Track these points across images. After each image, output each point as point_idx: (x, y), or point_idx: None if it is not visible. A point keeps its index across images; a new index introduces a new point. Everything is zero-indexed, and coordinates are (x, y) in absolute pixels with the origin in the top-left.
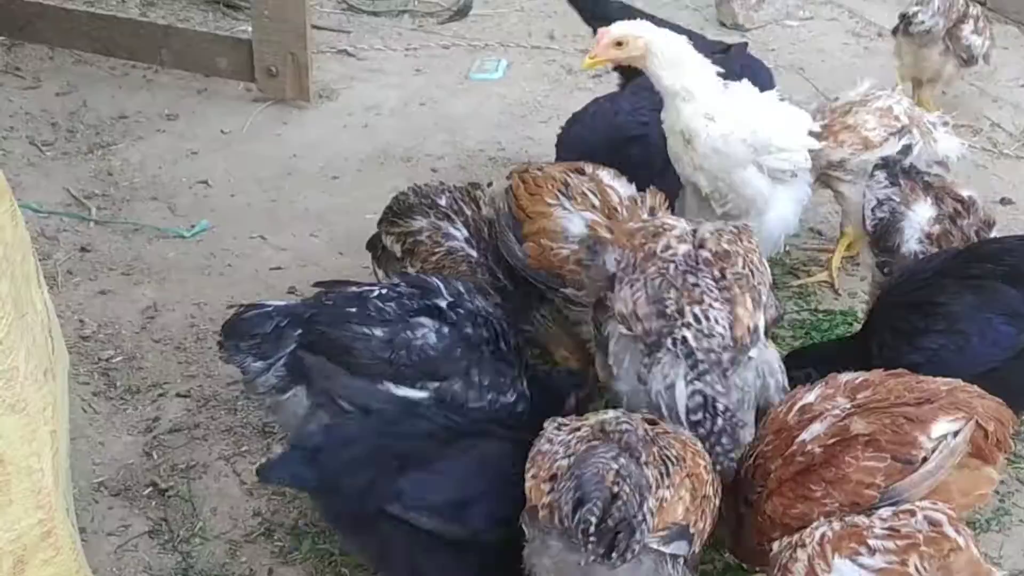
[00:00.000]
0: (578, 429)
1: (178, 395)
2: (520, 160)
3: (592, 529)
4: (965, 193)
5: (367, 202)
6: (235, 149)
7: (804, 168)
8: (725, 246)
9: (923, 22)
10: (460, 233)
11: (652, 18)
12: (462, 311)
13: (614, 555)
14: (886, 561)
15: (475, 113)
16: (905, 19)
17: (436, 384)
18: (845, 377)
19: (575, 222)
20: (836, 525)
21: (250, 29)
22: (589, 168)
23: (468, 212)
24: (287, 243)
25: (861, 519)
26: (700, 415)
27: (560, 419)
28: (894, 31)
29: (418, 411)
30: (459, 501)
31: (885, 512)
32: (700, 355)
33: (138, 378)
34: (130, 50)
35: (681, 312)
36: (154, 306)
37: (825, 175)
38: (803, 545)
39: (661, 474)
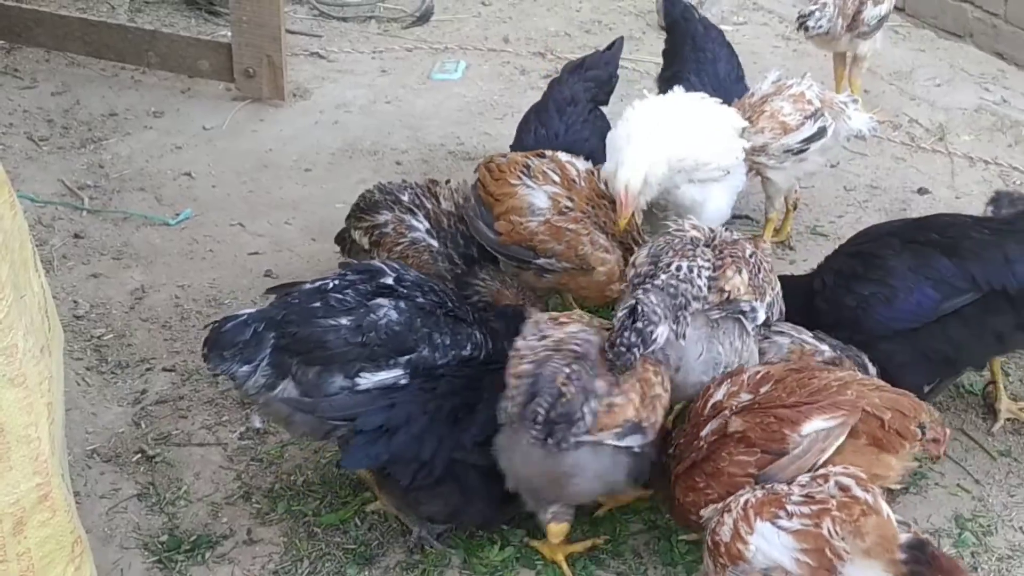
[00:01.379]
0: (545, 337)
1: (164, 369)
2: (477, 153)
3: (540, 419)
4: None
5: (337, 192)
6: (216, 144)
7: (736, 165)
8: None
9: (820, 25)
10: (422, 225)
11: (704, 19)
12: (409, 281)
13: (550, 441)
14: (802, 524)
15: (436, 111)
16: (802, 22)
17: (407, 357)
18: (749, 372)
19: (539, 196)
20: (759, 492)
21: (229, 34)
22: (548, 153)
23: (428, 206)
24: (264, 230)
25: (781, 487)
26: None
27: (541, 323)
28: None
29: (440, 372)
30: None
31: (804, 479)
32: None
33: (127, 354)
34: (119, 53)
35: (668, 265)
36: (142, 288)
37: (750, 161)
38: (729, 511)
39: (610, 384)
